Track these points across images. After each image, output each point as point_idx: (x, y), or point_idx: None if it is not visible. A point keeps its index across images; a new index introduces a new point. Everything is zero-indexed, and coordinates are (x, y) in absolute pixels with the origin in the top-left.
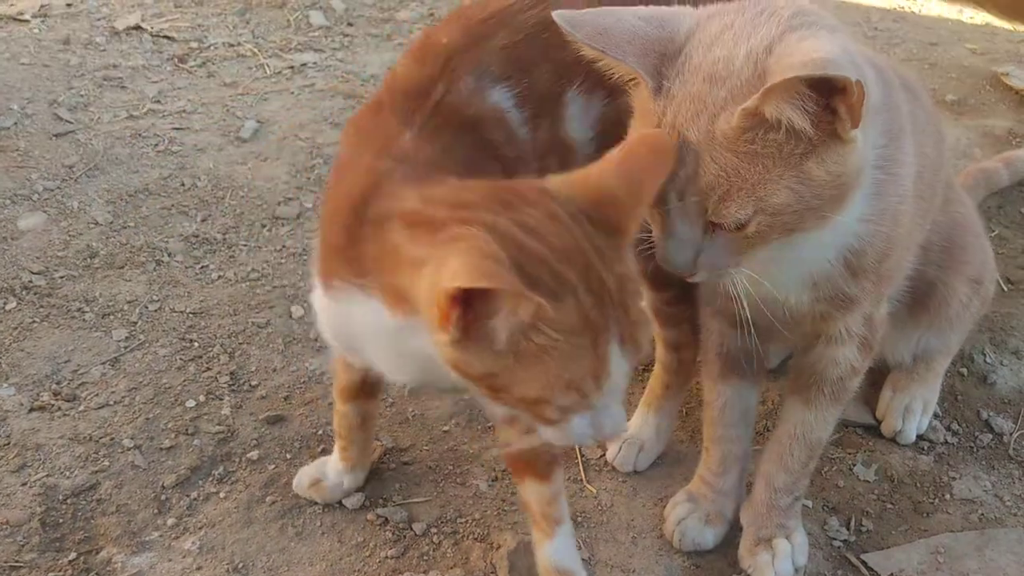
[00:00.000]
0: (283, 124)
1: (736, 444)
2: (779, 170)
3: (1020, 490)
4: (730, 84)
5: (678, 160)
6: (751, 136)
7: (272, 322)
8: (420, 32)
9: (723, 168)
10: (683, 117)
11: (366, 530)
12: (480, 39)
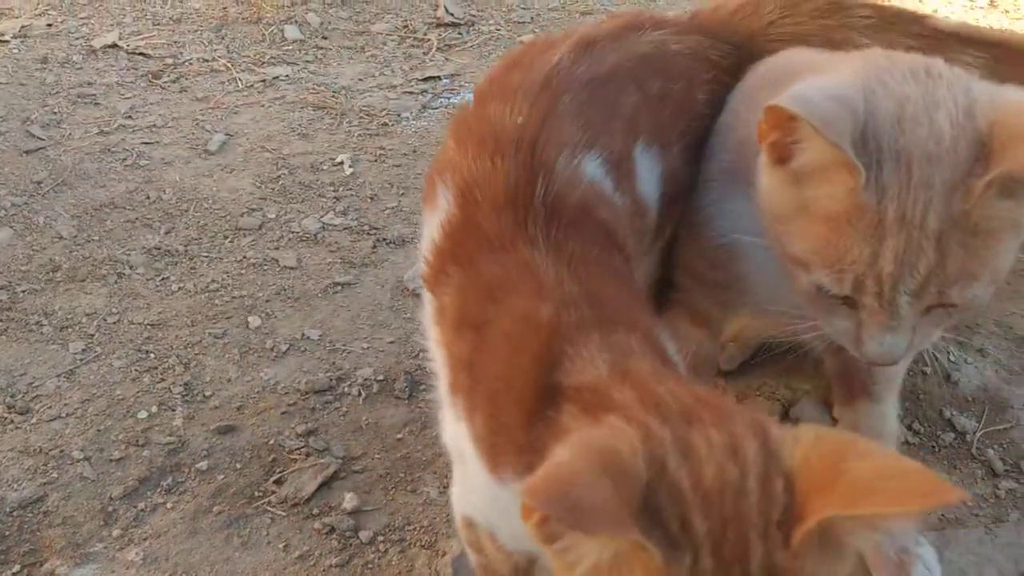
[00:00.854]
0: (251, 136)
1: None
2: (1009, 238)
3: (982, 490)
4: (950, 161)
5: (914, 254)
6: (990, 210)
7: (229, 332)
8: (465, 117)
9: (968, 250)
10: (914, 207)
11: (312, 539)
12: (550, 108)
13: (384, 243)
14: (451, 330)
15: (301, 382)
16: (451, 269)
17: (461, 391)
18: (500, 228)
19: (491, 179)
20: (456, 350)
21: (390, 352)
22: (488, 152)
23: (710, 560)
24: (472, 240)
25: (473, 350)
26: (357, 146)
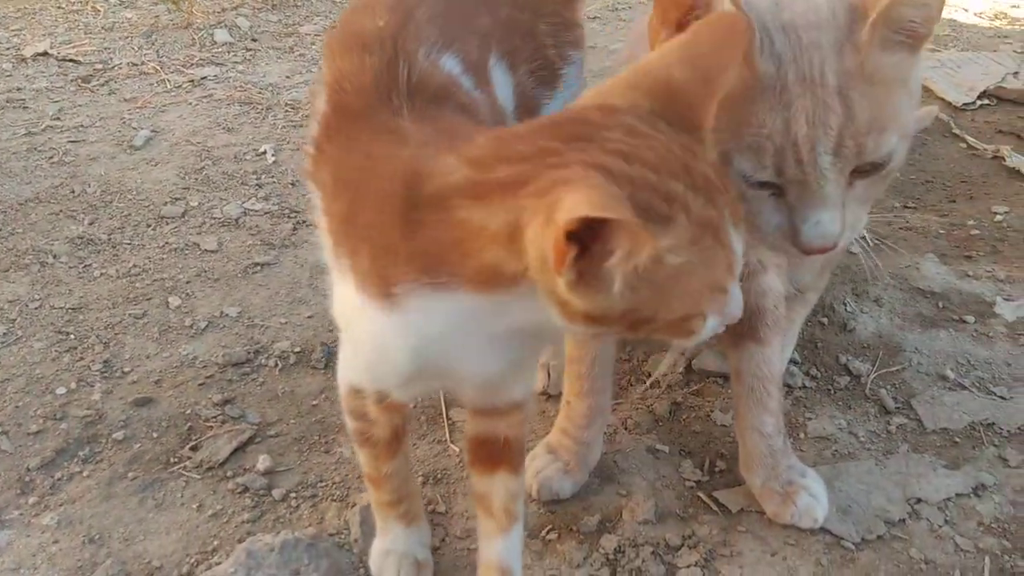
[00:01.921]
0: (177, 132)
1: (603, 396)
2: (902, 92)
3: (875, 426)
4: (831, 25)
5: (823, 111)
6: (878, 63)
7: (148, 313)
8: (331, 39)
9: (870, 100)
10: (811, 67)
11: (226, 499)
12: (408, 14)
13: (304, 225)
14: (330, 198)
15: (219, 356)
16: (327, 148)
17: (343, 243)
18: (367, 105)
19: (358, 71)
20: (336, 211)
21: (308, 326)
22: (355, 51)
23: (695, 198)
24: (343, 121)
25: (350, 203)
26: (281, 137)
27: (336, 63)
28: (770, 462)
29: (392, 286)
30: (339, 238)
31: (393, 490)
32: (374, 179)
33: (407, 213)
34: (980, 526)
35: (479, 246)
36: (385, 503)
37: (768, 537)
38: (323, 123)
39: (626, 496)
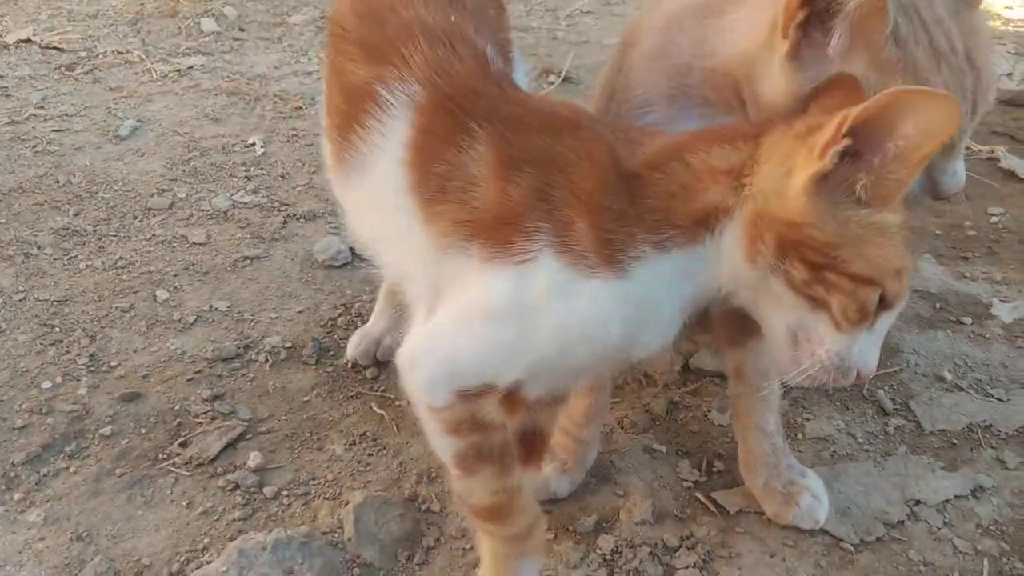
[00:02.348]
0: (163, 122)
1: (601, 394)
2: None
3: (873, 427)
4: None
5: (960, 77)
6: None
7: (136, 306)
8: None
9: (986, 56)
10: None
11: (216, 496)
12: (464, 8)
13: (294, 218)
14: (501, 185)
15: (208, 351)
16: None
17: (541, 223)
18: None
19: (455, 62)
20: (519, 194)
21: (298, 321)
22: (442, 44)
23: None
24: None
25: (543, 183)
26: (270, 128)
27: (423, 53)
28: (772, 461)
29: (624, 252)
30: (530, 221)
31: (525, 510)
32: (574, 155)
33: (628, 176)
34: (979, 528)
35: (703, 186)
36: (518, 536)
37: (767, 538)
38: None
39: (623, 496)
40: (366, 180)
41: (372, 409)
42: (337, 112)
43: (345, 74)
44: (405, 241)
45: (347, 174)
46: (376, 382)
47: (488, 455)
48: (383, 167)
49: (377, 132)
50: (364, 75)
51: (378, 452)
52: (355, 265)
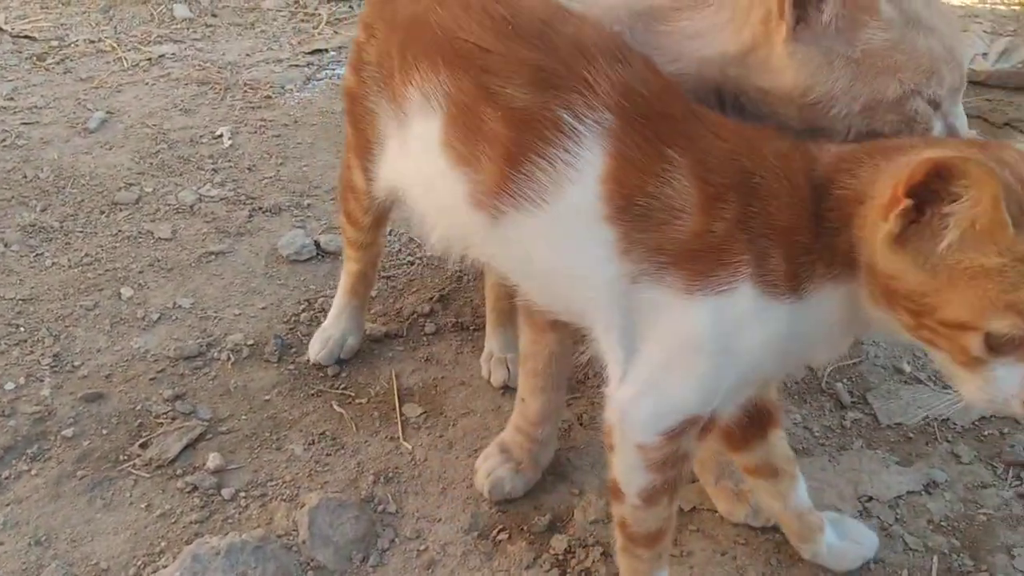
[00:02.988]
0: (132, 114)
1: (557, 394)
2: None
3: (830, 421)
4: None
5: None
6: None
7: (100, 304)
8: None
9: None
10: None
11: (175, 498)
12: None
13: (260, 212)
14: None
15: (171, 349)
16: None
17: (742, 251)
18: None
19: (636, 77)
20: (723, 221)
21: (261, 317)
22: (604, 59)
23: None
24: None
25: (745, 207)
26: (238, 119)
27: (605, 74)
28: (724, 458)
29: (804, 281)
30: (733, 253)
31: (672, 530)
32: (774, 179)
33: (815, 209)
34: (930, 524)
35: (847, 216)
36: (662, 553)
37: (719, 536)
38: (623, 141)
39: (579, 495)
40: (547, 212)
41: (332, 408)
42: (495, 139)
43: (504, 98)
44: (595, 273)
45: (514, 205)
46: (337, 379)
47: (673, 486)
48: (573, 199)
49: (564, 162)
50: (537, 99)
51: (336, 452)
52: (320, 259)
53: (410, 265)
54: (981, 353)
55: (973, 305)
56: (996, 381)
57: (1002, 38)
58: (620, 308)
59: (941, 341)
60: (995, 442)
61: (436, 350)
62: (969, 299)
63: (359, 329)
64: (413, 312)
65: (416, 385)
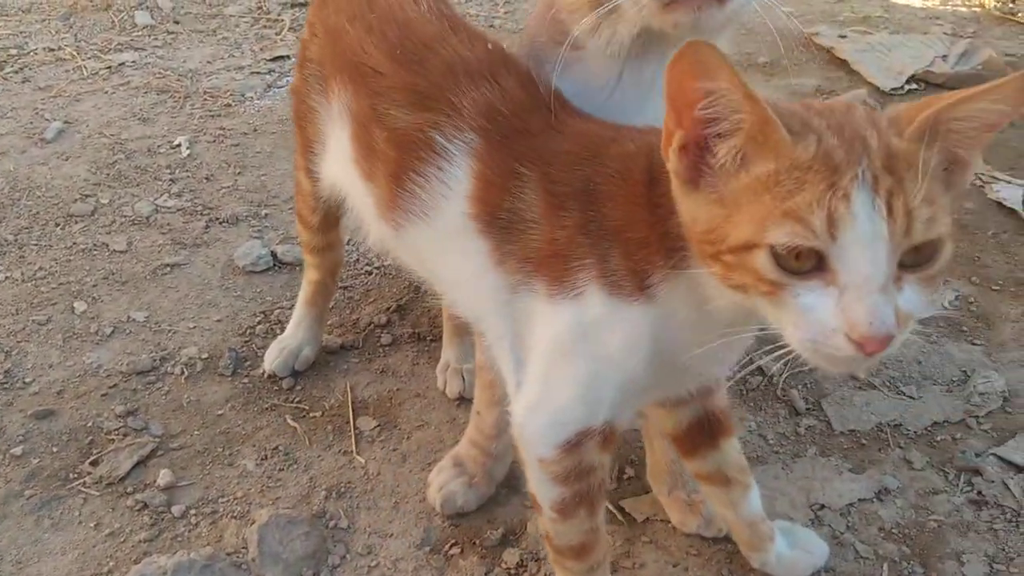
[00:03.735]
0: (90, 123)
1: None
2: None
3: (784, 428)
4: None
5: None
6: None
7: (53, 318)
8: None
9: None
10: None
11: (124, 517)
12: (483, 34)
13: (217, 223)
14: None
15: (123, 364)
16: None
17: (583, 256)
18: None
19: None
20: (566, 226)
21: (216, 331)
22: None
23: (834, 139)
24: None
25: (586, 213)
26: (197, 128)
27: (471, 96)
28: (678, 469)
29: (651, 276)
30: (577, 257)
31: (601, 547)
32: (610, 183)
33: (652, 201)
34: (881, 532)
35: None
36: (592, 568)
37: (671, 547)
38: (492, 158)
39: (531, 507)
40: (431, 226)
41: (286, 422)
42: (384, 160)
43: (389, 120)
44: (479, 282)
45: (405, 220)
46: (292, 392)
47: (587, 499)
48: (449, 214)
49: (438, 180)
50: (413, 121)
51: (289, 467)
52: (276, 270)
53: (367, 275)
54: (774, 274)
55: (753, 220)
56: (807, 312)
57: (962, 40)
58: (506, 317)
59: (741, 276)
60: (947, 447)
61: (392, 361)
62: (750, 215)
63: (316, 340)
64: (370, 323)
65: (371, 398)
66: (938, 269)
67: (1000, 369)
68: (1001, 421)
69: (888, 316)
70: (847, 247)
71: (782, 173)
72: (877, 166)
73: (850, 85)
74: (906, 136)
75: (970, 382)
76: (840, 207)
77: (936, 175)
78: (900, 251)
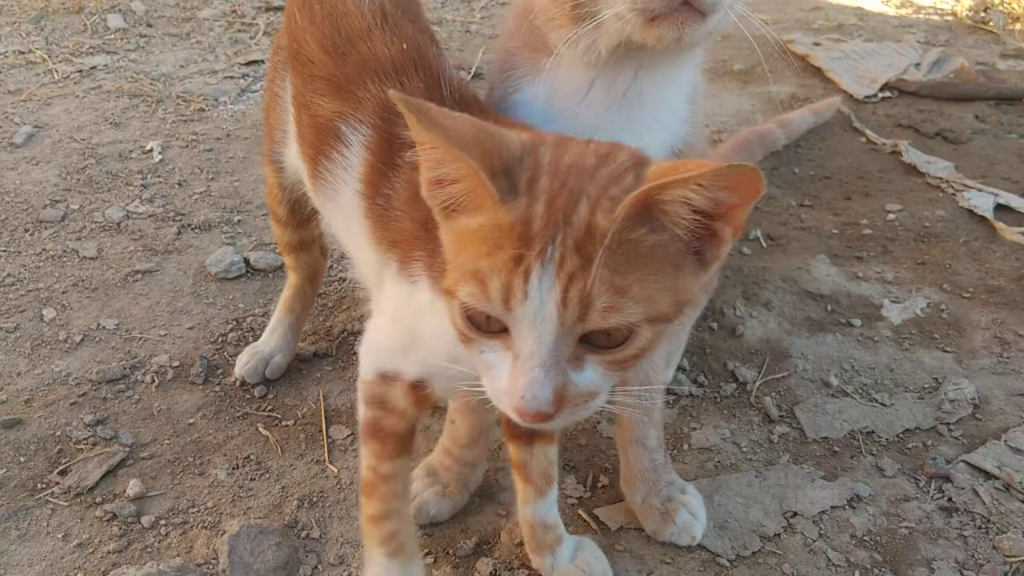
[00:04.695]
0: (61, 128)
1: (488, 414)
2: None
3: (758, 436)
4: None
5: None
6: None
7: (21, 326)
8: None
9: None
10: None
11: (93, 527)
12: (411, 33)
13: (189, 229)
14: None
15: (93, 372)
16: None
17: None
18: None
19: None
20: (408, 225)
21: (188, 338)
22: (393, 79)
23: (542, 207)
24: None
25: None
26: (170, 132)
27: (373, 93)
28: (651, 477)
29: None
30: (415, 248)
31: (384, 499)
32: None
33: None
34: (853, 539)
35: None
36: (372, 517)
37: (646, 556)
38: (378, 154)
39: (505, 516)
40: (337, 206)
41: (258, 430)
42: (308, 143)
43: (313, 107)
44: (366, 257)
45: (322, 198)
46: (264, 401)
47: (377, 432)
48: (347, 198)
49: (341, 167)
50: (330, 111)
51: (260, 476)
52: (249, 277)
53: (341, 282)
54: (464, 326)
55: (457, 270)
56: (489, 368)
57: (934, 48)
58: (379, 288)
59: (451, 315)
60: (918, 454)
61: None
62: (456, 264)
63: (289, 349)
64: (343, 330)
65: (344, 406)
66: (630, 354)
67: (971, 376)
68: (971, 428)
69: (544, 395)
70: (518, 321)
71: (486, 231)
72: (569, 244)
73: (824, 92)
74: (615, 215)
75: (941, 389)
76: (517, 281)
77: (647, 258)
78: (576, 334)
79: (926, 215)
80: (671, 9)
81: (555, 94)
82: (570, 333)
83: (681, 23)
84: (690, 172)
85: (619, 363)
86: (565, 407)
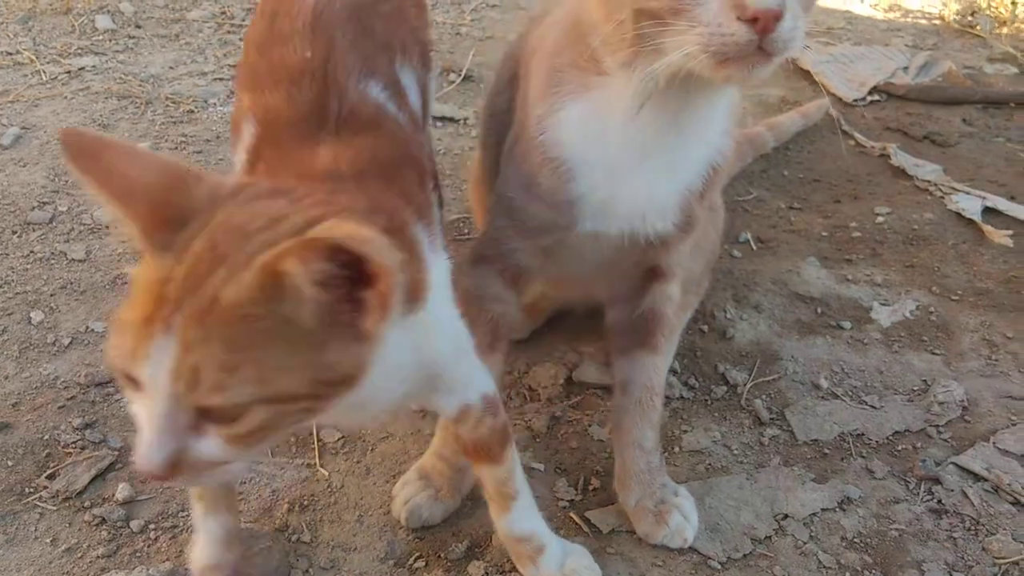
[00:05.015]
0: (49, 129)
1: None
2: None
3: (748, 438)
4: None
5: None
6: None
7: (9, 329)
8: (249, 68)
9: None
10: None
11: (82, 532)
12: (331, 43)
13: None
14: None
15: (82, 375)
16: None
17: None
18: (294, 139)
19: (289, 105)
20: None
21: None
22: (283, 85)
23: (182, 268)
24: (272, 156)
25: None
26: (159, 134)
27: (264, 97)
28: (647, 479)
29: None
30: None
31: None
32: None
33: None
34: (843, 541)
35: None
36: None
37: (637, 559)
38: (251, 151)
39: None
40: None
41: None
42: (236, 132)
43: (237, 99)
44: None
45: None
46: None
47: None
48: None
49: (238, 160)
50: (242, 105)
51: (251, 480)
52: None
53: None
54: (117, 375)
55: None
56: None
57: (922, 52)
58: None
59: None
60: (908, 456)
61: None
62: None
63: None
64: None
65: None
66: (245, 432)
67: (959, 378)
68: (960, 430)
69: (156, 458)
70: (143, 383)
71: (139, 283)
72: (193, 312)
73: (813, 95)
74: (243, 285)
75: (930, 391)
76: (142, 344)
77: (270, 334)
78: (190, 404)
79: (915, 218)
80: (746, 54)
81: (604, 113)
82: (183, 402)
83: (752, 66)
84: (287, 244)
85: (239, 438)
86: (183, 471)
